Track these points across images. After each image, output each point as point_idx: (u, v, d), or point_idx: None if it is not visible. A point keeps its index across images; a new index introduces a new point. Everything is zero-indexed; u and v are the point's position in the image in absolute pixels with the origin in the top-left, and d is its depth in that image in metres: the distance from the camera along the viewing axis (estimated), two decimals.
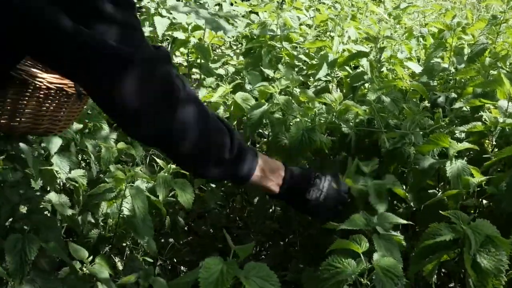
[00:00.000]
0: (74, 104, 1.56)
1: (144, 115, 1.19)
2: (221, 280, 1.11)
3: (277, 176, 1.48)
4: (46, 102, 1.48)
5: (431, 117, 1.89)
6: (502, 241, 1.30)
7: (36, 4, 1.07)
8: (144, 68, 1.15)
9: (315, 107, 2.11)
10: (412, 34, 2.82)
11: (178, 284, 1.25)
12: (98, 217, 1.93)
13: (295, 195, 1.51)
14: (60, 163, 1.94)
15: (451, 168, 1.59)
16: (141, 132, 1.24)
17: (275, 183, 1.48)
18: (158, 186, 1.86)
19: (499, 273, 1.28)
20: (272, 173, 1.47)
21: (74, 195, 2.03)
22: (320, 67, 2.38)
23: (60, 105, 1.51)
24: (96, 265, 1.56)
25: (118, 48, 1.11)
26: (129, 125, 1.24)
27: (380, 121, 1.81)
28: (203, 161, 1.34)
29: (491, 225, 1.33)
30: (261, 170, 1.44)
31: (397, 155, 1.78)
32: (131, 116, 1.19)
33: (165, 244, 2.24)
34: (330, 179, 1.53)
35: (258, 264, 1.18)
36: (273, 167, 1.48)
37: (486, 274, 1.29)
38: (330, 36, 2.86)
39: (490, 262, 1.29)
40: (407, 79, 2.18)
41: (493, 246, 1.31)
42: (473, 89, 1.96)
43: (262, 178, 1.45)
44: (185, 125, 1.25)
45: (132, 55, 1.13)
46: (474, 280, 1.29)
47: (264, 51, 2.59)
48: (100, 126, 2.21)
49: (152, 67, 1.17)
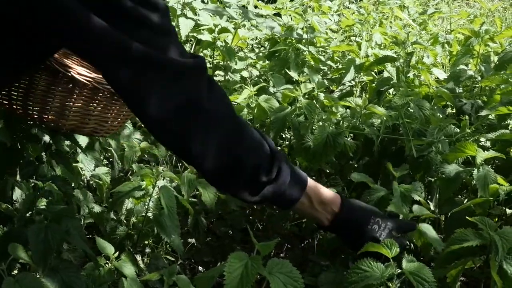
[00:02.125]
0: (123, 107, 1.58)
1: (160, 123, 1.17)
2: (245, 275, 1.12)
3: (328, 210, 1.39)
4: (93, 102, 1.50)
5: (457, 125, 1.88)
6: None
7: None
8: (168, 74, 1.14)
9: (339, 111, 2.11)
10: (438, 40, 2.81)
11: (203, 279, 1.26)
12: (121, 215, 1.95)
13: (347, 236, 1.42)
14: (85, 160, 1.96)
15: (478, 176, 1.58)
16: (163, 140, 1.25)
17: (324, 216, 1.39)
18: (182, 185, 1.87)
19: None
20: (322, 206, 1.38)
21: (97, 192, 2.05)
22: (347, 71, 2.38)
23: (107, 107, 1.53)
24: (122, 261, 1.57)
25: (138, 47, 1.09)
26: (152, 131, 1.25)
27: (407, 128, 1.81)
28: (231, 180, 1.27)
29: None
30: (307, 199, 1.36)
31: (423, 163, 1.78)
32: (153, 122, 1.19)
33: (184, 244, 2.25)
34: (390, 227, 1.40)
35: (281, 261, 1.18)
36: (324, 200, 1.38)
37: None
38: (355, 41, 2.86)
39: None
40: (433, 85, 2.17)
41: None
42: (500, 97, 1.95)
43: (308, 208, 1.37)
44: (207, 141, 1.20)
45: (156, 57, 1.11)
46: (500, 287, 1.29)
47: (291, 54, 2.60)
48: (124, 126, 2.23)
49: (178, 75, 1.15)
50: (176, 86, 1.15)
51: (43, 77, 1.45)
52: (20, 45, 1.20)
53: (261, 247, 1.17)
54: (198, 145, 1.20)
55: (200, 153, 1.21)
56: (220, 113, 1.22)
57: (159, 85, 1.12)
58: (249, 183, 1.28)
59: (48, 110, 1.47)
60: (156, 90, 1.12)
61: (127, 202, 1.91)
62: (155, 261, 1.83)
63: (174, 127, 1.18)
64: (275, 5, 3.53)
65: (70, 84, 1.46)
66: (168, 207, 1.66)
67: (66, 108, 1.48)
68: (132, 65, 1.11)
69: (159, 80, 1.12)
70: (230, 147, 1.23)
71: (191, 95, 1.17)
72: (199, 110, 1.18)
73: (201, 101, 1.18)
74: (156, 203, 1.79)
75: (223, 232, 2.50)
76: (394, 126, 1.95)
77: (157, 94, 1.13)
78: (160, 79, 1.12)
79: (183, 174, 1.91)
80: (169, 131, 1.19)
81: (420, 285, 1.20)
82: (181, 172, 2.04)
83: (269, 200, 1.33)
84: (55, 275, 1.42)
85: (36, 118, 1.49)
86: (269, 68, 2.71)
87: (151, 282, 1.70)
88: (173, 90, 1.15)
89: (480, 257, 1.40)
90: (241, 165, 1.25)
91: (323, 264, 1.76)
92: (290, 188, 1.32)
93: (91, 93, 1.48)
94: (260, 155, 1.27)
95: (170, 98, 1.15)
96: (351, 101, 2.02)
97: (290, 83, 2.44)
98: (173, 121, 1.17)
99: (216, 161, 1.23)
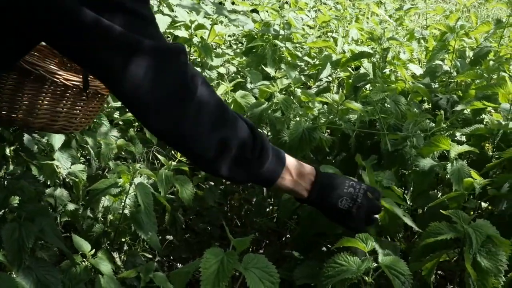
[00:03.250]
0: (91, 103, 1.56)
1: (153, 107, 1.17)
2: (221, 271, 1.12)
3: (306, 180, 1.40)
4: (62, 99, 1.48)
5: (432, 119, 1.90)
6: (502, 241, 1.32)
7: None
8: (156, 58, 1.13)
9: (316, 107, 2.12)
10: (414, 36, 2.83)
11: (179, 274, 1.25)
12: (98, 212, 1.94)
13: (326, 202, 1.41)
14: (62, 158, 1.94)
15: (453, 170, 1.59)
16: (151, 125, 1.22)
17: (303, 188, 1.40)
18: (159, 182, 1.87)
19: (499, 273, 1.30)
20: (301, 177, 1.39)
21: (74, 190, 2.04)
22: (324, 67, 2.39)
23: (75, 103, 1.52)
24: (98, 258, 1.56)
25: (126, 35, 1.09)
26: (139, 117, 1.24)
27: (382, 123, 1.82)
28: (221, 160, 1.27)
29: (491, 225, 1.34)
30: (288, 173, 1.37)
31: (398, 157, 1.79)
32: (139, 107, 1.18)
33: (162, 240, 2.25)
34: (365, 188, 1.42)
35: (257, 256, 1.18)
36: (302, 171, 1.40)
37: (486, 273, 1.30)
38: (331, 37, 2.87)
39: (490, 261, 1.30)
40: (410, 81, 2.18)
41: (493, 246, 1.32)
42: (475, 92, 1.97)
43: (289, 181, 1.38)
44: (199, 122, 1.21)
45: (141, 43, 1.11)
46: (474, 279, 1.30)
47: (268, 50, 2.60)
48: (101, 123, 2.22)
49: (166, 59, 1.15)
50: (167, 70, 1.15)
51: (11, 76, 1.42)
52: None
53: (236, 243, 1.17)
54: (190, 129, 1.21)
55: (192, 137, 1.22)
56: (204, 94, 1.22)
57: (151, 70, 1.13)
58: (237, 162, 1.29)
59: (17, 109, 1.45)
60: (148, 76, 1.13)
61: (103, 199, 1.90)
62: (132, 259, 1.82)
63: (167, 111, 1.18)
64: (252, 1, 3.53)
65: (39, 83, 1.44)
66: (144, 204, 1.65)
67: (35, 106, 1.46)
68: (122, 52, 1.10)
69: (150, 65, 1.12)
70: (218, 127, 1.24)
71: (181, 78, 1.18)
72: (189, 92, 1.19)
73: (189, 84, 1.19)
74: (133, 200, 1.78)
75: (201, 228, 2.50)
76: (370, 122, 1.96)
77: (149, 79, 1.13)
78: (151, 65, 1.12)
79: (160, 171, 1.91)
80: (162, 116, 1.19)
81: (396, 278, 1.21)
82: (158, 169, 2.03)
83: (256, 177, 1.35)
84: (30, 274, 1.41)
85: (4, 117, 1.47)
86: (246, 64, 2.71)
87: (128, 279, 1.69)
88: (165, 74, 1.15)
89: (454, 250, 1.42)
90: (229, 144, 1.26)
91: (299, 258, 1.77)
92: (273, 163, 1.34)
93: (60, 91, 1.46)
94: (243, 133, 1.29)
95: (162, 83, 1.15)
96: (328, 97, 2.02)
97: (268, 79, 2.44)
98: (166, 105, 1.17)
99: (207, 143, 1.24)
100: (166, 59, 1.16)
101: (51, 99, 1.47)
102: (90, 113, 1.61)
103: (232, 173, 1.30)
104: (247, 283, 1.10)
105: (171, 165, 1.97)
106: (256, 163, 1.31)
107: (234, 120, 1.29)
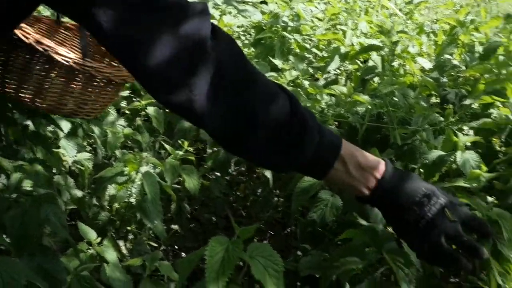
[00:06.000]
0: (103, 90, 1.56)
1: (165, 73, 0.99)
2: (226, 259, 1.11)
3: (368, 176, 1.10)
4: (71, 82, 1.48)
5: (441, 114, 1.89)
6: None
7: None
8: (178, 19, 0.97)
9: (324, 99, 2.11)
10: (423, 30, 2.82)
11: (184, 262, 1.25)
12: (103, 201, 1.94)
13: (390, 208, 1.12)
14: (67, 146, 1.94)
15: (462, 158, 1.59)
16: (160, 98, 1.04)
17: (363, 185, 1.11)
18: (166, 171, 1.87)
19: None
20: (361, 171, 1.10)
21: (79, 178, 2.04)
22: (332, 59, 2.38)
23: (87, 89, 1.51)
24: (104, 246, 1.56)
25: None
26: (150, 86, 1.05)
27: (391, 116, 1.81)
28: (247, 141, 1.04)
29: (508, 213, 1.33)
30: (342, 165, 1.09)
31: (407, 151, 1.78)
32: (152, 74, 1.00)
33: (167, 230, 2.25)
34: (443, 203, 1.07)
35: (262, 244, 1.16)
36: (363, 164, 1.10)
37: (508, 261, 1.29)
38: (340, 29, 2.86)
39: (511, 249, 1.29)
40: (418, 74, 2.18)
41: None
42: (484, 86, 1.96)
43: (343, 174, 1.09)
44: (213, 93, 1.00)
45: None
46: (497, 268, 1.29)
47: (276, 41, 2.59)
48: (108, 112, 2.22)
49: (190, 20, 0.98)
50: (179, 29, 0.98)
51: (20, 55, 1.43)
52: None
53: (241, 232, 1.16)
54: (204, 99, 1.00)
55: (207, 109, 1.01)
56: (226, 61, 1.02)
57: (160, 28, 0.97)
58: (269, 145, 1.05)
59: (25, 88, 1.45)
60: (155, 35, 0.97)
61: (110, 188, 1.90)
62: (138, 247, 1.83)
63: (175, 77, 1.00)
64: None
65: (48, 64, 1.44)
66: (151, 193, 1.65)
67: (43, 87, 1.46)
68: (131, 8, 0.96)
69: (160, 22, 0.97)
70: (241, 100, 1.03)
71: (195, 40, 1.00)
72: (204, 57, 1.00)
73: (205, 47, 1.00)
74: (139, 189, 1.78)
75: (206, 218, 2.51)
76: (378, 115, 1.96)
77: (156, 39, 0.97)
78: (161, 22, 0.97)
79: (167, 161, 1.91)
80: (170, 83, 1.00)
81: (400, 270, 1.21)
82: (165, 158, 2.03)
83: (298, 167, 1.09)
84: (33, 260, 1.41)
85: (13, 96, 1.47)
86: (254, 56, 2.71)
87: (134, 267, 1.69)
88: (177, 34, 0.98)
89: None
90: (256, 121, 1.03)
91: (306, 250, 1.77)
92: (321, 151, 1.07)
93: (70, 74, 1.46)
94: (278, 109, 1.04)
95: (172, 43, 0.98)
96: (335, 89, 2.02)
97: (275, 71, 2.43)
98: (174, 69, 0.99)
99: (226, 117, 1.02)
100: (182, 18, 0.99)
101: (60, 81, 1.47)
102: (104, 100, 1.60)
103: (266, 158, 1.07)
104: (252, 271, 1.09)
105: (178, 154, 1.97)
106: (294, 147, 1.05)
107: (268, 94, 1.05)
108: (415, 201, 1.07)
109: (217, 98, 1.00)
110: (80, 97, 1.52)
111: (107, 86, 1.56)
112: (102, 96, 1.57)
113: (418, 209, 1.07)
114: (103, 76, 1.49)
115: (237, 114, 1.02)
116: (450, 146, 1.67)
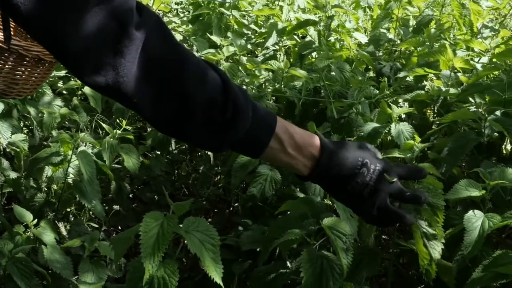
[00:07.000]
0: (34, 69, 1.51)
1: (84, 56, 0.94)
2: (161, 234, 1.10)
3: (306, 154, 1.09)
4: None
5: (376, 87, 1.93)
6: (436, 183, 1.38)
7: None
8: None
9: (262, 75, 2.12)
10: (359, 5, 2.85)
11: (119, 240, 1.24)
12: (41, 182, 1.90)
13: (331, 185, 1.12)
14: (1, 128, 1.89)
15: (396, 129, 1.62)
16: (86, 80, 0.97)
17: (302, 163, 1.10)
18: (104, 151, 1.84)
19: (442, 207, 1.35)
20: (298, 150, 1.09)
21: (15, 160, 1.99)
22: (270, 35, 2.39)
23: (16, 68, 1.46)
24: (41, 228, 1.54)
25: None
26: (72, 71, 0.99)
27: (328, 90, 1.83)
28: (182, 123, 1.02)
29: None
30: (279, 143, 1.07)
31: (344, 124, 1.81)
32: (75, 56, 0.95)
33: (109, 210, 2.23)
34: (381, 169, 1.10)
35: (198, 219, 1.16)
36: (300, 143, 1.09)
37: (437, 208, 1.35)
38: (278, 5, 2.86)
39: (434, 198, 1.35)
40: (354, 49, 2.20)
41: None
42: (417, 59, 2.01)
43: (280, 153, 1.08)
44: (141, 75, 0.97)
45: None
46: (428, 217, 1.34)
47: (213, 18, 2.57)
48: (44, 92, 2.17)
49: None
50: (102, 8, 0.93)
51: None
52: None
53: (176, 207, 1.16)
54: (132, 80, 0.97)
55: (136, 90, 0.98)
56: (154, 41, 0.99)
57: (82, 7, 0.91)
58: (204, 124, 1.03)
59: None
60: (77, 14, 0.91)
61: (47, 169, 1.87)
62: (77, 228, 1.80)
63: (99, 57, 0.95)
64: None
65: None
66: (87, 173, 1.63)
67: None
68: None
69: (82, 1, 0.91)
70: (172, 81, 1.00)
71: (119, 19, 0.95)
72: (129, 36, 0.95)
73: (130, 26, 0.96)
74: (77, 170, 1.75)
75: (148, 198, 2.49)
76: (315, 89, 1.98)
77: (79, 19, 0.91)
78: (83, 0, 0.91)
79: (104, 140, 1.88)
80: (94, 64, 0.96)
81: (338, 238, 1.23)
82: (103, 138, 2.00)
83: (232, 146, 1.07)
84: None
85: None
86: (192, 32, 2.68)
87: (74, 248, 1.67)
88: (100, 13, 0.93)
89: None
90: (189, 102, 1.01)
91: (247, 225, 1.78)
92: (255, 129, 1.06)
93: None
94: (210, 90, 1.02)
95: (96, 22, 0.93)
96: (273, 64, 2.02)
97: (214, 47, 2.42)
98: (98, 50, 0.95)
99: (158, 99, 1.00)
100: None
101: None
102: (35, 79, 1.55)
103: (202, 139, 1.06)
104: (188, 246, 1.10)
105: (116, 133, 1.94)
106: (228, 127, 1.03)
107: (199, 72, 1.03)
108: (355, 173, 1.09)
109: (147, 80, 0.98)
110: (10, 76, 1.47)
111: (37, 65, 1.51)
112: (33, 75, 1.53)
113: (360, 180, 1.08)
114: (32, 55, 1.45)
115: (168, 96, 1.00)
116: (385, 118, 1.70)
